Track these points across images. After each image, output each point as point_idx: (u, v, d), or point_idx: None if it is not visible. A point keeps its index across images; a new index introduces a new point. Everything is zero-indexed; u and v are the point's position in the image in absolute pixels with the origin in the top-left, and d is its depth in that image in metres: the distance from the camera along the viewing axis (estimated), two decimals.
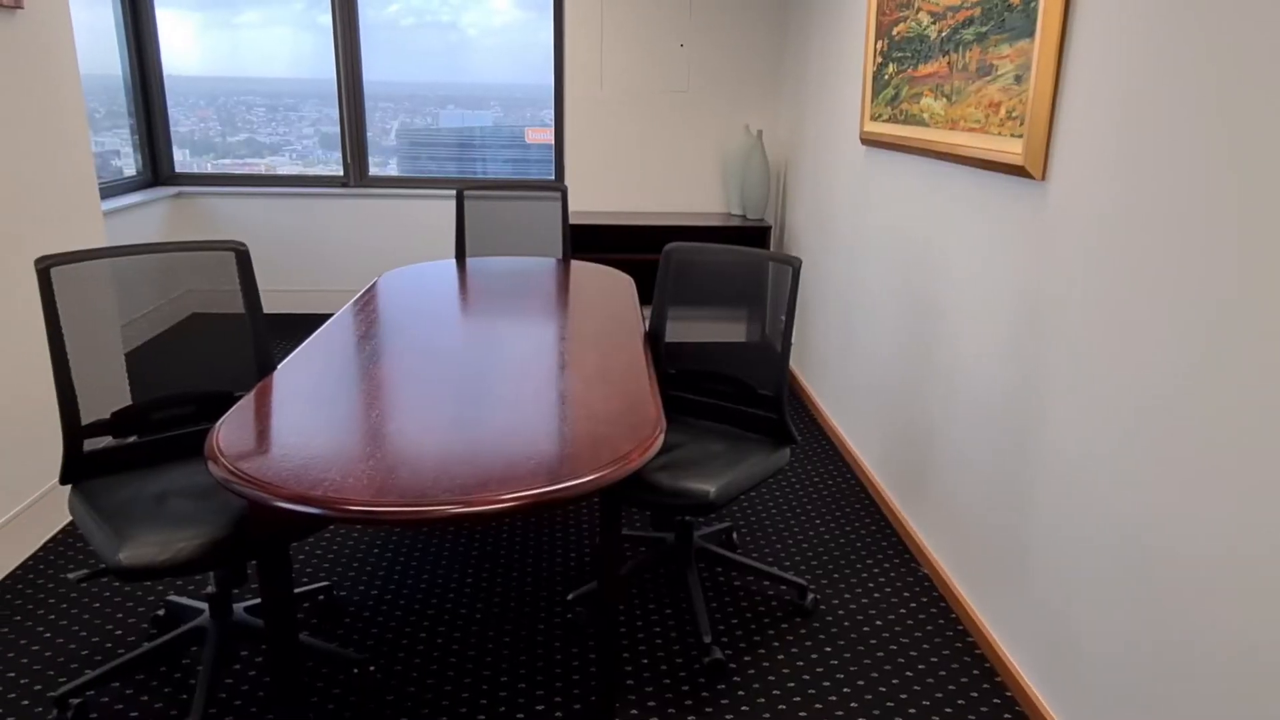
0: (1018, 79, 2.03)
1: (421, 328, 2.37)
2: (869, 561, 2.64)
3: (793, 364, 4.27)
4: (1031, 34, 1.96)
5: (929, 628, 2.32)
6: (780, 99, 4.71)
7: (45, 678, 2.04)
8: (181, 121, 5.15)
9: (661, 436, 1.72)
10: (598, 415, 1.78)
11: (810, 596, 2.40)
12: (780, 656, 2.19)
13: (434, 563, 2.56)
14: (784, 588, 2.50)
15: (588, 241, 4.56)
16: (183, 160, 5.16)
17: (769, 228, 4.49)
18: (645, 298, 4.55)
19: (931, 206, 2.59)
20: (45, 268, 1.81)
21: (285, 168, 5.36)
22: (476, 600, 2.39)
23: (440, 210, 5.11)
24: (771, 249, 4.67)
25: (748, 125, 4.74)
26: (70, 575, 2.46)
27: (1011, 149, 2.06)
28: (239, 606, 2.12)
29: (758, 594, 2.46)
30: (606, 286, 2.90)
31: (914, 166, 2.73)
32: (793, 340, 3.04)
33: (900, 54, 2.78)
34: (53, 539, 2.64)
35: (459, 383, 1.95)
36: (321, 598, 2.38)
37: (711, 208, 4.91)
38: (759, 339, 4.80)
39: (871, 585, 2.51)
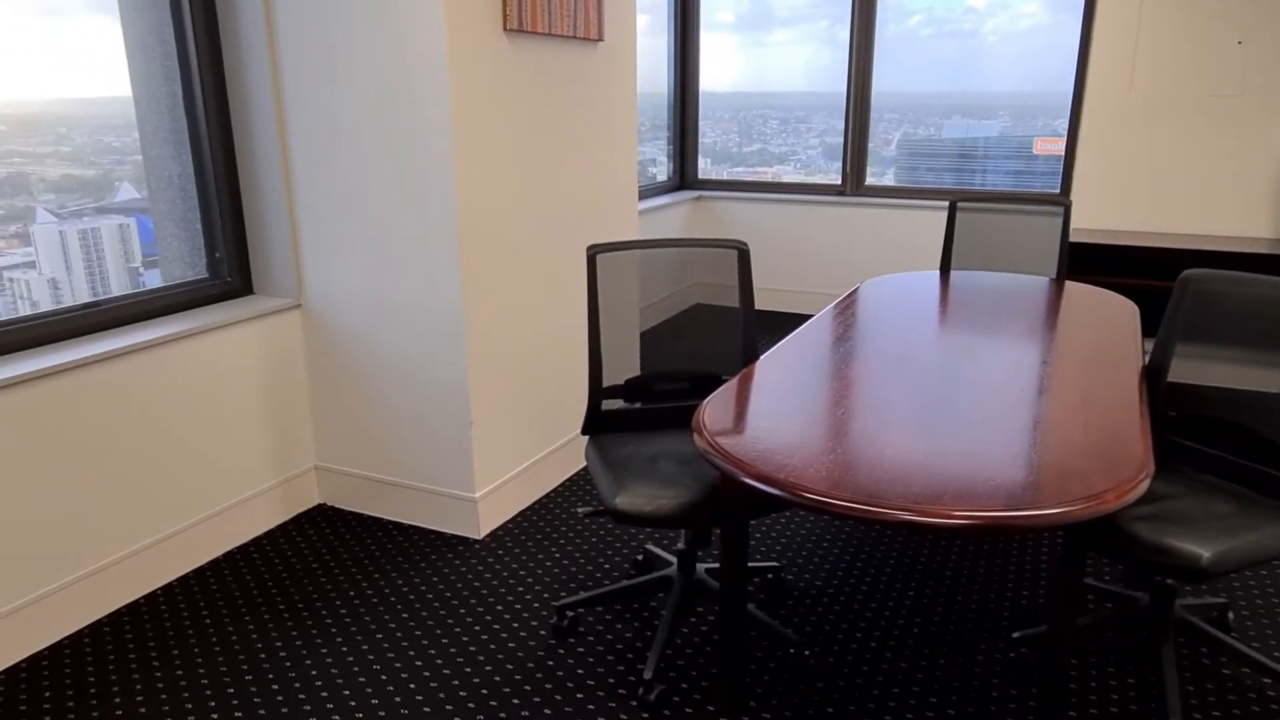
0: None
1: (896, 335, 2.41)
2: None
3: None
4: None
5: None
6: None
7: (551, 589, 2.51)
8: (708, 133, 5.80)
9: (1147, 481, 1.55)
10: (1073, 446, 1.67)
11: None
12: None
13: (879, 566, 2.60)
14: None
15: (1089, 262, 4.17)
16: (704, 168, 5.80)
17: None
18: (1150, 329, 4.03)
19: None
20: (593, 254, 2.21)
21: (789, 176, 5.74)
22: (916, 614, 2.37)
23: (931, 221, 5.06)
24: None
25: None
26: (579, 510, 2.97)
27: None
28: (701, 567, 2.38)
29: (1252, 690, 2.08)
30: (1103, 312, 2.65)
31: None
32: None
33: None
34: (569, 479, 3.21)
35: (927, 393, 1.96)
36: (770, 576, 2.56)
37: (1253, 231, 4.16)
38: None
39: None
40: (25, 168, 2.74)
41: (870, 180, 5.29)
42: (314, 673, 2.14)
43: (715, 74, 5.65)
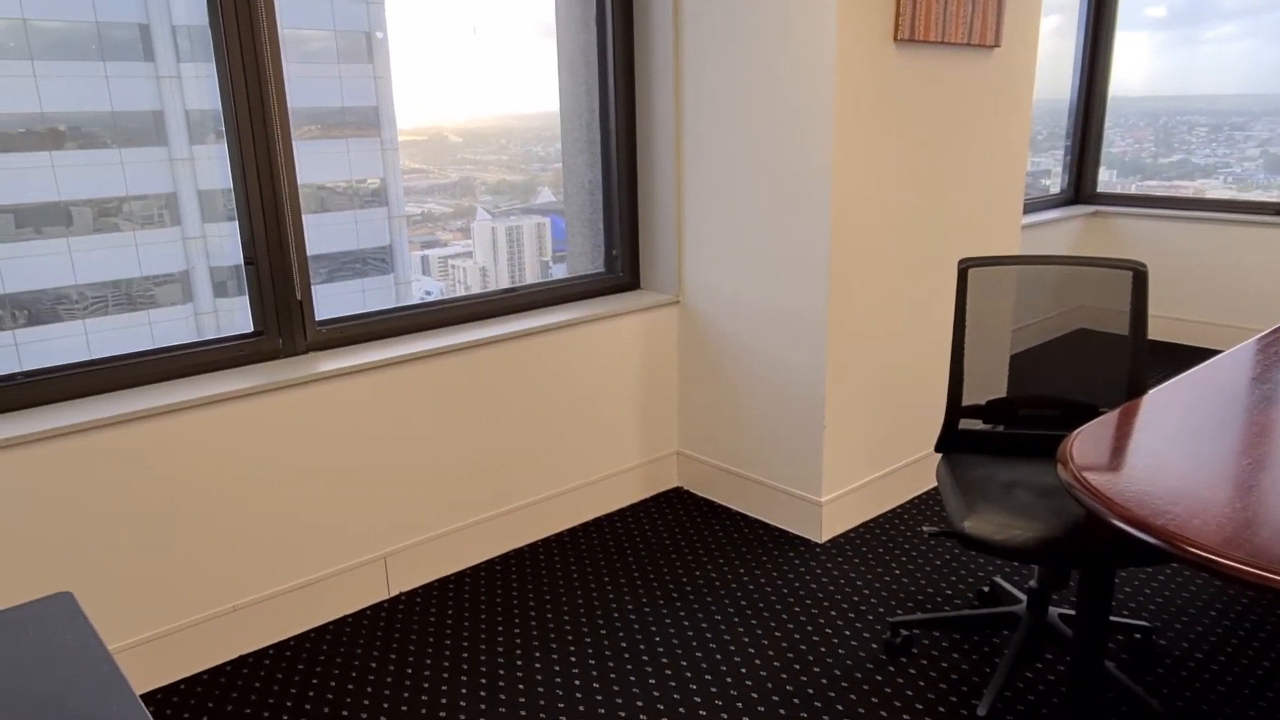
0: None
1: None
2: None
3: None
4: None
5: None
6: None
7: (887, 604, 2.48)
8: (1115, 143, 5.24)
9: None
10: None
11: None
12: None
13: None
14: None
15: None
16: (1107, 180, 5.26)
17: None
18: None
19: None
20: (965, 268, 2.15)
21: (1215, 191, 5.00)
22: None
23: None
24: None
25: None
26: (925, 529, 2.88)
27: None
28: (1054, 610, 2.20)
29: None
30: None
31: None
32: None
33: None
34: (917, 496, 3.13)
35: None
36: (1139, 636, 2.29)
37: None
38: None
39: None
40: (472, 173, 3.30)
41: None
42: (657, 638, 2.34)
43: (1129, 76, 5.10)
